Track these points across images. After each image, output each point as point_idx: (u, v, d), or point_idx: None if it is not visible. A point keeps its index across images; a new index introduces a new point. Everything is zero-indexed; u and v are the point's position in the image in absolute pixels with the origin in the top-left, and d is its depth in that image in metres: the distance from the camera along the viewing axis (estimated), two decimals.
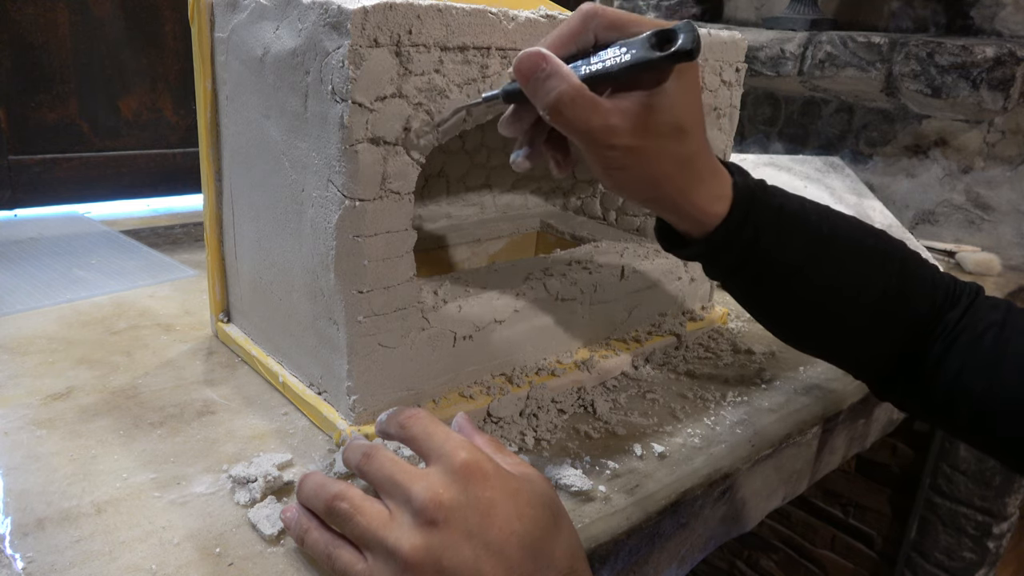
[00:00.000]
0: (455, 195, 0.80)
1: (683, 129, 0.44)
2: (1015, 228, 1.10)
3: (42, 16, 0.93)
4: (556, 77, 0.41)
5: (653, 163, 0.44)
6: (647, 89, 0.42)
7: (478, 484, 0.36)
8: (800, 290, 0.48)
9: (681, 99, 0.43)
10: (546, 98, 0.42)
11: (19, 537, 0.41)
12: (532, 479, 0.39)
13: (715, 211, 0.46)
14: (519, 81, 0.43)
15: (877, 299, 0.48)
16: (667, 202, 0.46)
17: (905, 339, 0.49)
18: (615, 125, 0.42)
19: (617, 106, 0.42)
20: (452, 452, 0.37)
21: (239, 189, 0.59)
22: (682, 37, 0.40)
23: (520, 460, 0.41)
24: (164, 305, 0.73)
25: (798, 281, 0.48)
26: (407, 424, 0.40)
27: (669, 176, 0.45)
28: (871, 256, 0.48)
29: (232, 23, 0.55)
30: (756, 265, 0.47)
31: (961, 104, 1.05)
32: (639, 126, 0.42)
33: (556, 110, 0.42)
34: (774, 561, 1.56)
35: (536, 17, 0.51)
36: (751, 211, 0.46)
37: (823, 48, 1.16)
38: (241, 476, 0.46)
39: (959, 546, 1.24)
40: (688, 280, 0.73)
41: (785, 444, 0.59)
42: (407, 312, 0.51)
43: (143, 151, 1.05)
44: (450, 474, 0.36)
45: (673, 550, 0.51)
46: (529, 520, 0.36)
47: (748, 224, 0.46)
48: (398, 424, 0.41)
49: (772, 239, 0.47)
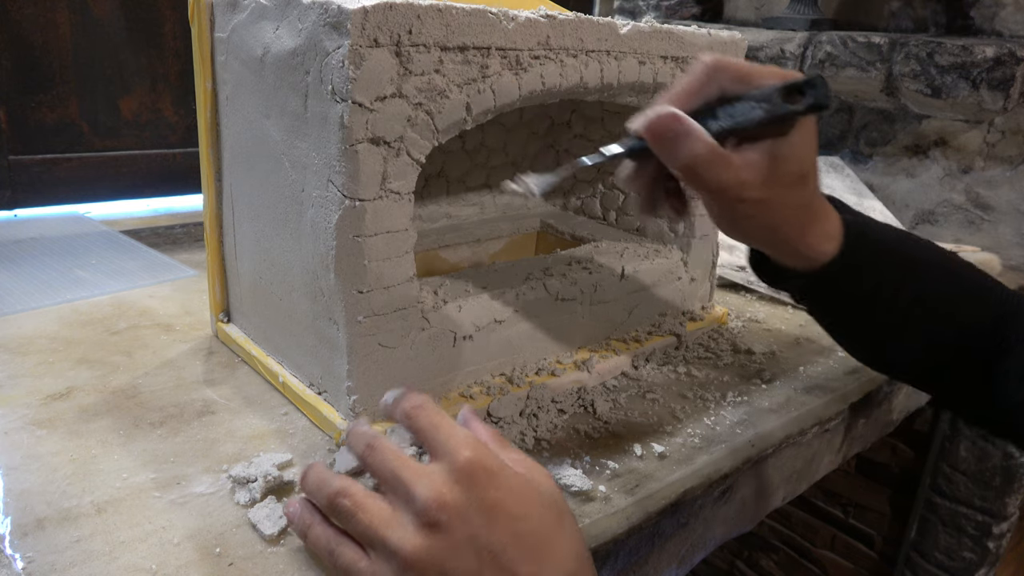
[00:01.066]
0: (455, 195, 0.80)
1: (805, 176, 0.44)
2: (1015, 228, 1.10)
3: (42, 16, 0.93)
4: (690, 138, 0.41)
5: (777, 211, 0.44)
6: (772, 138, 0.43)
7: (482, 484, 0.36)
8: (895, 327, 0.49)
9: (804, 147, 0.43)
10: (680, 159, 0.42)
11: (19, 537, 0.41)
12: (537, 477, 0.39)
13: (825, 250, 0.47)
14: (650, 141, 0.43)
15: (974, 337, 0.48)
16: (783, 244, 0.47)
17: (992, 368, 0.49)
18: (746, 180, 0.42)
19: (746, 160, 0.43)
20: (456, 449, 0.37)
21: (239, 189, 0.59)
22: (816, 92, 0.40)
23: (524, 457, 0.41)
24: (164, 305, 0.73)
25: (895, 318, 0.49)
26: (413, 416, 0.40)
27: (789, 221, 0.45)
28: (972, 295, 0.49)
29: (232, 23, 0.55)
30: (858, 304, 0.48)
31: (961, 104, 1.05)
32: (768, 178, 0.43)
33: (691, 170, 0.42)
34: (774, 561, 1.56)
35: (536, 17, 0.51)
36: (859, 251, 0.47)
37: (823, 48, 1.16)
38: (241, 476, 0.46)
39: (959, 546, 1.24)
40: (688, 280, 0.73)
41: (785, 444, 0.59)
42: (407, 312, 0.51)
43: (143, 151, 1.05)
44: (454, 472, 0.36)
45: (673, 550, 0.51)
46: (534, 520, 0.36)
47: (857, 266, 0.47)
48: (404, 414, 0.41)
49: (878, 280, 0.48)
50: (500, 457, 0.38)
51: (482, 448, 0.38)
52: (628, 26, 0.57)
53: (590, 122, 0.80)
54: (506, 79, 0.51)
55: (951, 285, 0.49)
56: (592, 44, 0.55)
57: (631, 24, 0.57)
